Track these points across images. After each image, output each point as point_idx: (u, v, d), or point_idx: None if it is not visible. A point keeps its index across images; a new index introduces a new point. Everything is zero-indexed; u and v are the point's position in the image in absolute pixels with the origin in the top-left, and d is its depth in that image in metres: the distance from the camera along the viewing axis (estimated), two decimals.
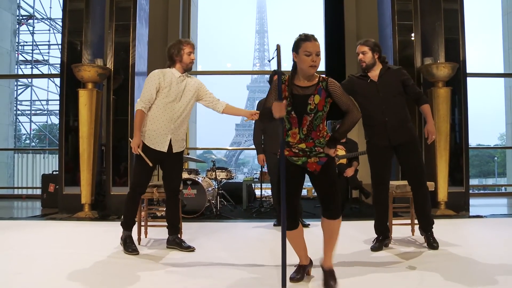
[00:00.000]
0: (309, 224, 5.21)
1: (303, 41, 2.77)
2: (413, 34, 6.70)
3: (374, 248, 3.95)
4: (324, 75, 2.85)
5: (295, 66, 2.85)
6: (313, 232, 4.79)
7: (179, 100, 3.90)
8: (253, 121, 4.49)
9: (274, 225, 5.32)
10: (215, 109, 4.06)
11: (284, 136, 2.87)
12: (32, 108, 18.13)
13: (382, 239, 4.02)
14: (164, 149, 3.88)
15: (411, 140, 3.90)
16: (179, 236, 4.16)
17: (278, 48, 2.70)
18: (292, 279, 2.93)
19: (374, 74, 3.94)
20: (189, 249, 4.01)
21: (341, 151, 6.23)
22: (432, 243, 3.91)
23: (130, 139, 3.97)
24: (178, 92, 3.88)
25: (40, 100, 18.21)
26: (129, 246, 3.87)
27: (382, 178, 3.99)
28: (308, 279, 3.02)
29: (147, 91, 3.83)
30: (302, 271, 3.00)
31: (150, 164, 3.82)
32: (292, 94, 2.82)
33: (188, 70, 3.97)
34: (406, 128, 3.88)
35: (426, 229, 4.00)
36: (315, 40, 2.77)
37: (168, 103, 3.85)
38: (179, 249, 4.02)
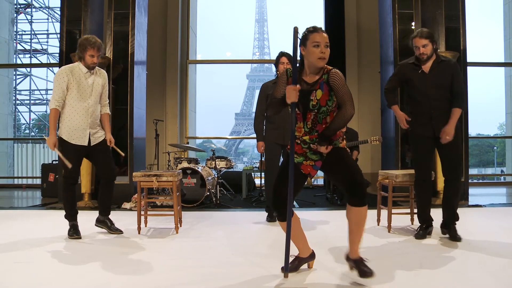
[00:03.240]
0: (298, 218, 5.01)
1: (311, 33, 2.69)
2: (413, 23, 6.66)
3: (419, 236, 3.98)
4: (329, 67, 2.75)
5: (302, 60, 2.76)
6: (313, 223, 4.81)
7: (90, 95, 4.09)
8: (251, 111, 4.46)
9: (268, 220, 5.01)
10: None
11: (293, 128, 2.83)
12: (31, 98, 18.10)
13: (426, 227, 4.03)
14: (85, 142, 4.07)
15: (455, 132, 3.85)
16: (110, 218, 4.31)
17: (295, 31, 2.62)
18: (283, 269, 2.86)
19: (427, 65, 3.90)
20: (117, 231, 4.19)
21: None
22: (454, 235, 3.86)
23: (45, 137, 4.10)
24: (88, 87, 4.07)
25: (39, 90, 18.16)
26: (72, 232, 4.05)
27: (422, 168, 4.00)
28: (308, 271, 2.98)
29: (58, 89, 3.98)
30: (298, 263, 2.94)
31: (69, 165, 3.92)
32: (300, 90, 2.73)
33: (90, 69, 4.11)
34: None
35: (449, 223, 3.95)
36: (323, 31, 2.70)
37: (81, 99, 4.03)
38: (107, 230, 4.19)
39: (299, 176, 2.81)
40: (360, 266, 2.70)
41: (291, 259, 2.92)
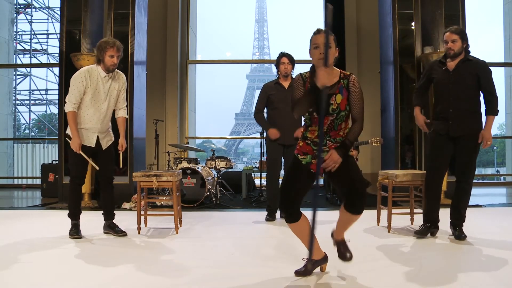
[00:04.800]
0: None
1: (313, 35, 2.68)
2: (413, 23, 6.67)
3: (418, 233, 3.98)
4: (347, 72, 2.75)
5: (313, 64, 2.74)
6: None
7: (105, 100, 4.06)
8: (251, 111, 4.45)
9: (267, 219, 5.04)
10: (115, 113, 4.27)
11: (304, 129, 2.81)
12: (31, 98, 18.08)
13: (429, 227, 4.02)
14: (92, 144, 4.08)
15: (470, 134, 3.85)
16: (114, 222, 4.27)
17: (330, 10, 2.57)
18: (297, 273, 2.83)
19: (453, 63, 3.89)
20: (121, 233, 4.14)
21: None
22: (459, 235, 3.89)
23: (67, 139, 4.04)
24: (104, 92, 4.04)
25: (39, 90, 18.14)
26: (73, 232, 4.06)
27: (434, 165, 4.00)
28: (320, 275, 2.90)
29: (75, 92, 3.93)
30: (311, 266, 2.88)
31: (97, 166, 4.08)
32: (316, 93, 2.65)
33: (110, 71, 4.05)
34: (468, 122, 3.84)
35: (455, 224, 3.97)
36: (322, 32, 2.64)
37: (95, 104, 4.01)
38: (113, 233, 4.15)
39: (307, 177, 2.77)
40: (340, 248, 2.84)
41: (304, 262, 2.89)
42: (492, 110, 3.87)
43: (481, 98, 3.92)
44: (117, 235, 4.12)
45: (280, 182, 5.09)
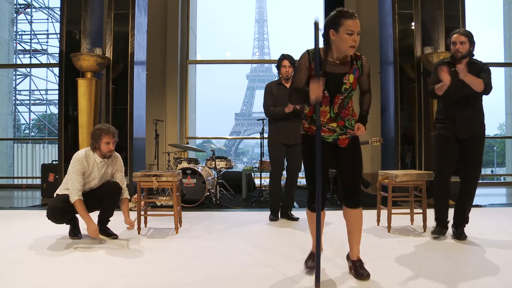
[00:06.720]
0: (298, 218, 5.00)
1: (344, 18, 2.58)
2: (413, 23, 6.67)
3: (435, 232, 3.99)
4: (357, 52, 2.76)
5: (328, 42, 2.68)
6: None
7: (98, 181, 4.06)
8: (251, 111, 4.42)
9: (271, 219, 5.04)
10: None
11: (308, 113, 2.81)
12: (31, 98, 18.08)
13: (442, 227, 4.03)
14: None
15: (477, 135, 3.84)
16: (107, 226, 4.21)
17: (316, 26, 2.51)
18: (310, 267, 2.88)
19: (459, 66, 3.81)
20: (113, 236, 4.11)
21: None
22: (459, 235, 3.91)
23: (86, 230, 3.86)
24: (99, 177, 4.04)
25: (39, 90, 18.14)
26: (73, 233, 4.09)
27: (443, 169, 3.97)
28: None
29: (75, 181, 3.85)
30: (313, 260, 2.90)
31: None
32: (325, 72, 2.67)
33: (107, 158, 4.03)
34: (474, 124, 3.83)
35: (458, 224, 3.98)
36: (356, 17, 2.62)
37: (87, 183, 4.00)
38: (106, 237, 4.11)
39: (326, 157, 2.78)
40: (357, 268, 2.81)
41: (305, 257, 2.95)
42: (486, 83, 3.68)
43: (483, 99, 3.90)
44: (109, 238, 4.07)
45: (282, 182, 5.13)
